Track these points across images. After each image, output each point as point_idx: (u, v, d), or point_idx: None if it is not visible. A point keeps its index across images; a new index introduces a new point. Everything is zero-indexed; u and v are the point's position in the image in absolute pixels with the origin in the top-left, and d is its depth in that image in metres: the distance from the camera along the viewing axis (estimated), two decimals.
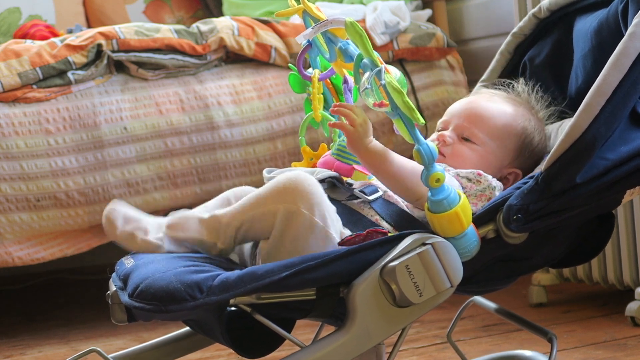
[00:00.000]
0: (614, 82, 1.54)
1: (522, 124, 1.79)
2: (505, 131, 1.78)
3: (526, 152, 1.79)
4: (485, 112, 1.79)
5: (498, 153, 1.77)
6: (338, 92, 1.82)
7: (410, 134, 1.50)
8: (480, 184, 1.67)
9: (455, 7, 3.44)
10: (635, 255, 2.64)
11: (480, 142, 1.77)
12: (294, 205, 1.56)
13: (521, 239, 1.58)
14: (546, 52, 1.91)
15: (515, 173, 1.79)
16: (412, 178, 1.60)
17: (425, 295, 1.53)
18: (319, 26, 1.60)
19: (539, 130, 1.81)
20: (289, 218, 1.56)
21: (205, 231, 1.63)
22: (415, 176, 1.57)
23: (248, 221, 1.60)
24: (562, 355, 2.38)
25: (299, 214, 1.55)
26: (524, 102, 1.85)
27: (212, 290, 1.49)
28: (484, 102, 1.81)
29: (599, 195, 1.57)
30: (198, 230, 1.63)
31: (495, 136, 1.77)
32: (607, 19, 1.73)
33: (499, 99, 1.83)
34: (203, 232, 1.63)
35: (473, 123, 1.78)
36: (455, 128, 1.78)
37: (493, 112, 1.79)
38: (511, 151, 1.78)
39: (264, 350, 1.65)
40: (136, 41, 2.94)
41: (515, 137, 1.78)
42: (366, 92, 1.51)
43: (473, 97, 1.85)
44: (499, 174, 1.77)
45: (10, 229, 2.79)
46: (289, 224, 1.56)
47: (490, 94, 1.85)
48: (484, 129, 1.77)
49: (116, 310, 1.59)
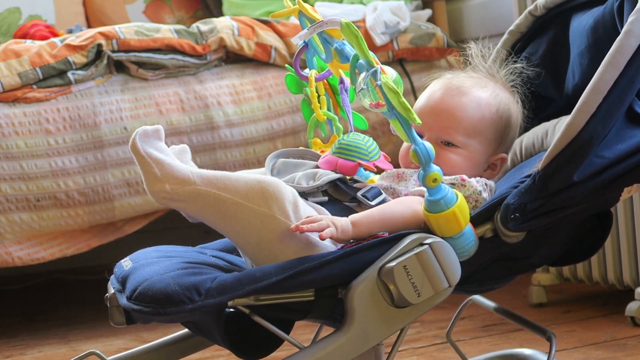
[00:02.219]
0: (610, 80, 1.54)
1: (494, 107, 1.77)
2: (483, 124, 1.76)
3: (508, 132, 1.78)
4: (456, 111, 1.75)
5: (481, 148, 1.76)
6: (335, 92, 1.82)
7: (407, 134, 1.49)
8: (464, 188, 1.66)
9: (455, 7, 3.44)
10: (635, 255, 2.64)
11: (462, 145, 1.74)
12: (268, 210, 1.54)
13: (519, 238, 1.58)
14: (543, 49, 1.91)
15: (501, 158, 1.78)
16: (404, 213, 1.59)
17: (423, 296, 1.52)
18: (314, 27, 1.60)
19: (509, 102, 1.79)
20: (264, 222, 1.54)
21: (168, 166, 1.53)
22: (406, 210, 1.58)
23: (214, 198, 1.53)
24: (562, 355, 2.38)
25: (273, 220, 1.54)
26: (485, 75, 1.82)
27: (210, 293, 1.49)
28: (450, 99, 1.77)
29: (597, 193, 1.57)
30: (165, 159, 1.53)
31: (474, 133, 1.75)
32: (603, 16, 1.73)
33: (463, 88, 1.78)
34: (166, 163, 1.53)
35: (449, 127, 1.75)
36: (433, 134, 1.76)
37: (464, 108, 1.75)
38: (493, 140, 1.77)
39: (263, 351, 1.65)
40: (136, 41, 2.94)
41: (493, 126, 1.77)
42: (362, 92, 1.51)
43: (439, 95, 1.78)
44: (486, 164, 1.77)
45: (10, 229, 2.79)
46: (264, 229, 1.54)
47: (452, 86, 1.79)
48: (461, 130, 1.75)
49: (115, 312, 1.59)
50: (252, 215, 1.53)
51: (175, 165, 1.54)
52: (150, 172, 1.53)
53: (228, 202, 1.53)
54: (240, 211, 1.53)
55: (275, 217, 1.53)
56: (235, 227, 1.54)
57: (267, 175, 1.65)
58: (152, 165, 1.53)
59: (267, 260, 1.54)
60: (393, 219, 1.58)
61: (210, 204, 1.53)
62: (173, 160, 1.54)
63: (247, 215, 1.53)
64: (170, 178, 1.53)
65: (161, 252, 1.70)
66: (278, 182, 1.56)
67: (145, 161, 1.53)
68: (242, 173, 1.61)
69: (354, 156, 1.70)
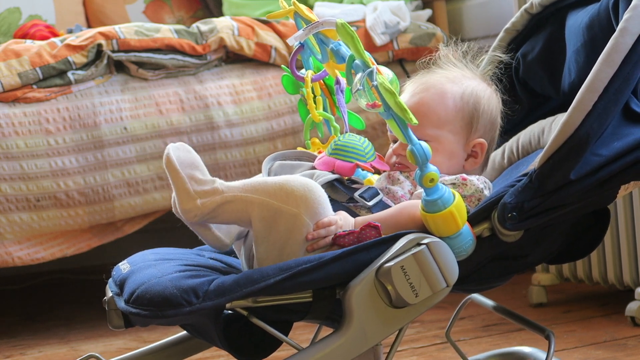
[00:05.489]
0: (606, 78, 1.54)
1: (458, 95, 1.76)
2: (448, 114, 1.75)
3: (480, 117, 1.77)
4: (420, 107, 1.75)
5: (453, 137, 1.76)
6: (331, 93, 1.82)
7: (404, 134, 1.49)
8: (466, 187, 1.66)
9: (455, 7, 3.44)
10: (635, 255, 2.63)
11: (431, 138, 1.72)
12: (296, 209, 1.55)
13: (516, 236, 1.58)
14: (539, 47, 1.91)
15: (479, 144, 1.77)
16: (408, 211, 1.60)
17: (421, 296, 1.52)
18: (310, 28, 1.60)
19: (479, 87, 1.79)
20: (289, 221, 1.55)
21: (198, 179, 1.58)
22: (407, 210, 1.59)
23: (241, 201, 1.56)
24: (562, 355, 2.38)
25: (299, 219, 1.55)
26: (452, 68, 1.82)
27: (208, 295, 1.49)
28: (414, 98, 1.77)
29: (594, 191, 1.57)
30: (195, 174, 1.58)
31: (441, 124, 1.75)
32: (598, 13, 1.73)
33: (427, 84, 1.78)
34: (197, 178, 1.57)
35: (419, 124, 1.76)
36: None
37: (427, 103, 1.76)
38: (464, 126, 1.76)
39: (261, 353, 1.65)
40: (136, 41, 2.94)
41: (459, 113, 1.76)
42: (359, 93, 1.51)
43: (405, 98, 1.78)
44: (465, 153, 1.76)
45: (10, 229, 2.80)
46: (288, 227, 1.55)
47: (416, 85, 1.80)
48: (427, 125, 1.74)
49: (113, 316, 1.59)
50: (279, 213, 1.55)
51: (205, 179, 1.57)
52: (184, 189, 1.56)
53: (255, 202, 1.54)
54: (267, 209, 1.55)
55: (301, 216, 1.54)
56: (261, 225, 1.56)
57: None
58: (186, 181, 1.56)
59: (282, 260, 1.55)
60: (395, 222, 1.59)
61: (239, 208, 1.56)
62: (204, 175, 1.58)
63: (274, 213, 1.55)
64: (201, 193, 1.56)
65: (159, 254, 1.70)
66: (307, 181, 1.57)
67: (179, 177, 1.56)
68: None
69: (351, 157, 1.70)
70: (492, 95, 1.81)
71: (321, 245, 1.56)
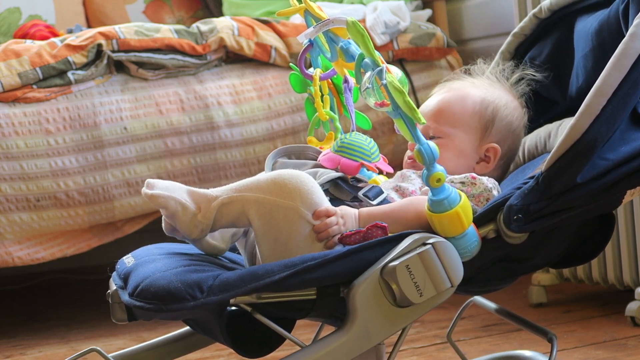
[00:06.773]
0: (615, 83, 1.54)
1: (479, 97, 1.80)
2: (465, 113, 1.79)
3: (496, 122, 1.79)
4: (441, 104, 1.81)
5: (465, 136, 1.78)
6: (339, 91, 1.82)
7: (412, 134, 1.50)
8: (475, 186, 1.67)
9: (455, 7, 3.44)
10: (635, 255, 2.64)
11: (444, 135, 1.78)
12: (292, 202, 1.55)
13: (521, 239, 1.58)
14: (547, 52, 1.91)
15: (492, 148, 1.79)
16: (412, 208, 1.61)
17: (425, 295, 1.53)
18: (320, 25, 1.60)
19: (504, 97, 1.82)
20: (288, 215, 1.55)
21: (190, 197, 1.58)
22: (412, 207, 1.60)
23: (237, 201, 1.57)
24: (562, 355, 2.38)
25: (297, 212, 1.55)
26: (483, 78, 1.86)
27: (212, 290, 1.49)
28: (438, 97, 1.83)
29: (600, 195, 1.57)
30: (183, 195, 1.59)
31: (456, 123, 1.79)
32: (607, 19, 1.73)
33: (453, 86, 1.84)
34: (187, 198, 1.58)
35: (435, 121, 1.79)
36: (422, 132, 1.78)
37: (448, 101, 1.81)
38: (479, 128, 1.79)
39: (264, 349, 1.65)
40: (136, 41, 2.94)
41: (477, 114, 1.79)
42: (367, 91, 1.51)
43: (430, 99, 1.85)
44: (477, 155, 1.78)
45: (10, 229, 2.79)
46: (288, 221, 1.55)
47: (444, 87, 1.86)
48: (444, 121, 1.78)
49: (116, 309, 1.59)
50: (276, 208, 1.55)
51: (194, 191, 1.58)
52: (184, 209, 1.57)
53: (251, 200, 1.55)
54: (263, 206, 1.55)
55: (299, 209, 1.55)
56: (260, 223, 1.56)
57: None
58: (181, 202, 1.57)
59: (287, 256, 1.55)
60: (400, 217, 1.59)
61: (237, 208, 1.57)
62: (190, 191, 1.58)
63: (271, 209, 1.55)
64: (199, 207, 1.57)
65: (163, 249, 1.71)
66: (297, 172, 1.58)
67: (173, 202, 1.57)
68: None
69: (357, 156, 1.70)
70: (516, 107, 1.83)
71: (330, 234, 1.56)
